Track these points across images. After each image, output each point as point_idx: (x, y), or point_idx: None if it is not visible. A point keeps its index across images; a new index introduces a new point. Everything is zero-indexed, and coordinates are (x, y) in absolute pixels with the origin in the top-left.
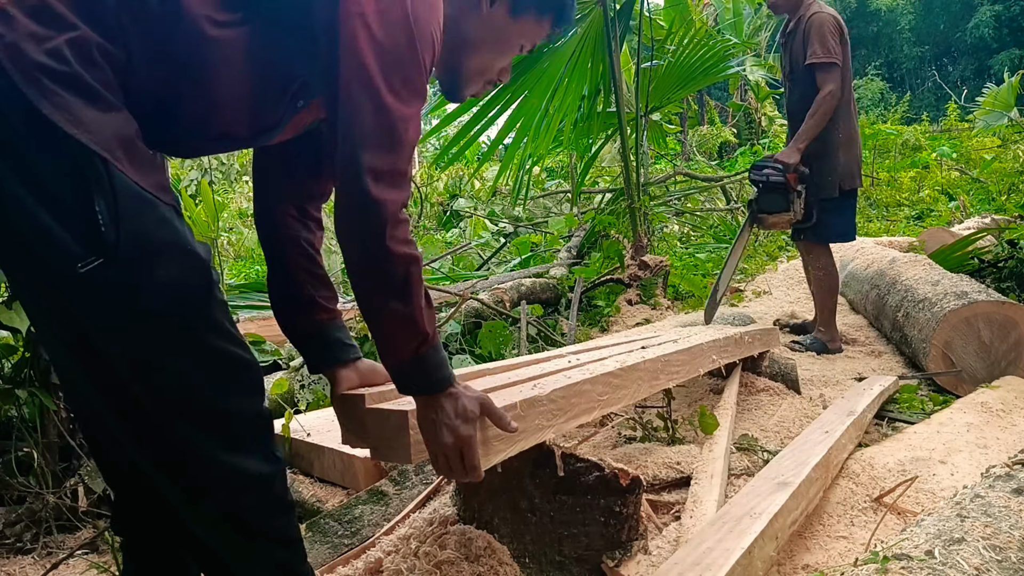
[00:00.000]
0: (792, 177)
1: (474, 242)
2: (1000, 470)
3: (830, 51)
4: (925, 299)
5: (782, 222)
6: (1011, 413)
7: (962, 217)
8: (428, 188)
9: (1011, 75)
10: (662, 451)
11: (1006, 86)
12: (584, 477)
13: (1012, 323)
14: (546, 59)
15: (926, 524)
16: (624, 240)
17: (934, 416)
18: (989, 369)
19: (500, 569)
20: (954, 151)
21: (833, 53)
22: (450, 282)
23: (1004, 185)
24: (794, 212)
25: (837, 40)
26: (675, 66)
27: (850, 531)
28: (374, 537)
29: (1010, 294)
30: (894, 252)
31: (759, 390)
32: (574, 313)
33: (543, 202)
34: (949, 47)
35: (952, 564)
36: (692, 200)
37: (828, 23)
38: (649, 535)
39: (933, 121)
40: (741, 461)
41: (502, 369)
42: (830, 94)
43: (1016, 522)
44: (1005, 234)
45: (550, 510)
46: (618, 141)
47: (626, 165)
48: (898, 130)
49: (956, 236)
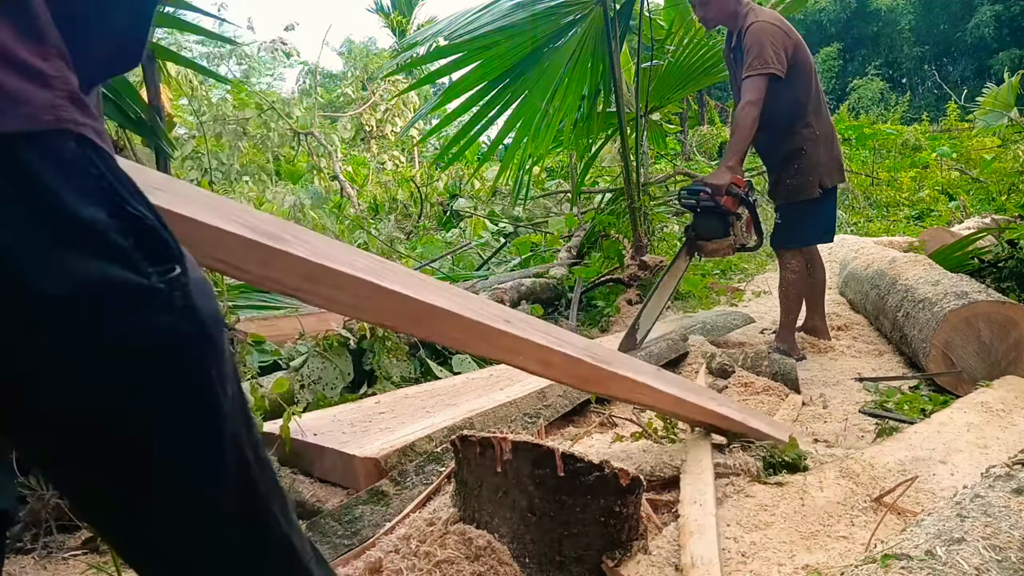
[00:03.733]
0: (727, 200)
1: (474, 242)
2: (1000, 470)
3: (766, 61)
4: (925, 299)
5: (723, 248)
6: (1011, 413)
7: (962, 217)
8: (428, 188)
9: (1011, 75)
10: (662, 451)
11: (1006, 86)
12: (584, 477)
13: (1012, 323)
14: (546, 59)
15: (926, 524)
16: (624, 240)
17: (934, 416)
18: (989, 369)
19: (500, 569)
20: (954, 151)
21: (769, 62)
22: (450, 282)
23: (1004, 185)
24: (735, 237)
25: (778, 45)
26: (675, 66)
27: (850, 531)
28: (374, 537)
29: (1010, 294)
30: (894, 252)
31: (759, 390)
32: (574, 313)
33: (543, 202)
34: (949, 47)
35: (952, 564)
36: None
37: (766, 32)
38: (649, 535)
39: (933, 121)
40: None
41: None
42: (748, 104)
43: (1016, 522)
44: (1005, 234)
45: (550, 510)
46: (618, 141)
47: (626, 165)
48: (898, 130)
49: (956, 236)
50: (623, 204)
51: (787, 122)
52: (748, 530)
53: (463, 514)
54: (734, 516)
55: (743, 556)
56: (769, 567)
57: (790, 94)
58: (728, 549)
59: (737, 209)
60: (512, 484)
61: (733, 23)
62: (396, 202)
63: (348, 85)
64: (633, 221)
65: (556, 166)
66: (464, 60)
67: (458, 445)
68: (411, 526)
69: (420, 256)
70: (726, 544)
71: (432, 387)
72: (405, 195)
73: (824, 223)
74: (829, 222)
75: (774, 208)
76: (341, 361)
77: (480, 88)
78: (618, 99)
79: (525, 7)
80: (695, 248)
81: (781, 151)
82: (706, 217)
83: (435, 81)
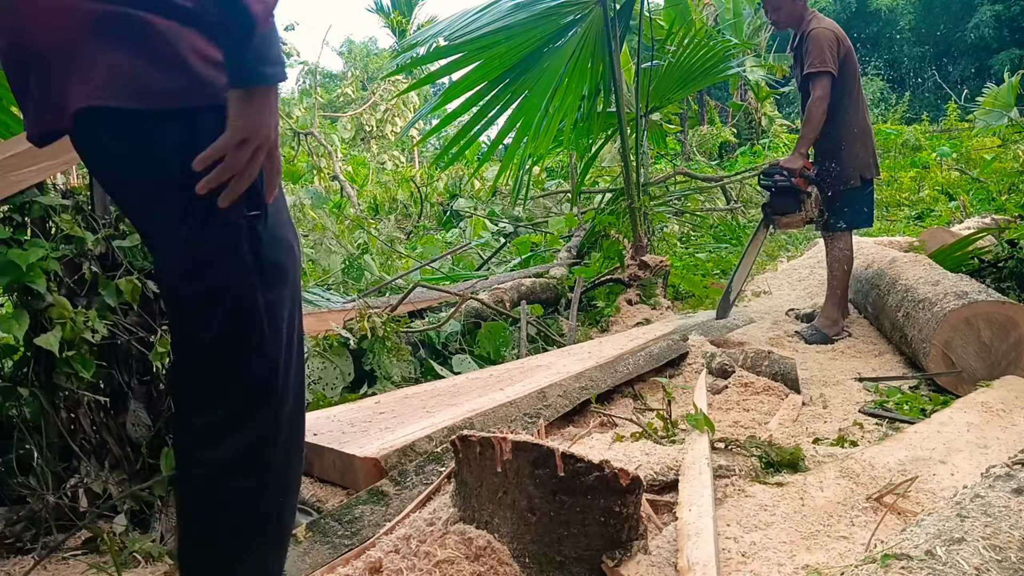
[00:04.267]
0: (799, 181)
1: (474, 242)
2: (1000, 470)
3: (825, 61)
4: (925, 299)
5: (795, 222)
6: (1011, 413)
7: (962, 217)
8: (428, 188)
9: (1011, 75)
10: (662, 451)
11: (1006, 86)
12: (584, 477)
13: (1012, 323)
14: (546, 59)
15: (926, 524)
16: (624, 240)
17: (934, 416)
18: (989, 369)
19: (500, 569)
20: (954, 151)
21: (827, 62)
22: (450, 282)
23: (1004, 185)
24: (805, 212)
25: (834, 49)
26: (675, 66)
27: (850, 531)
28: (374, 537)
29: (1010, 294)
30: (894, 252)
31: (759, 390)
32: (574, 313)
33: (543, 202)
34: (949, 47)
35: (952, 564)
36: (692, 200)
37: (824, 36)
38: (649, 535)
39: (933, 121)
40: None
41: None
42: (818, 99)
43: (1016, 522)
44: (1005, 234)
45: (550, 510)
46: (618, 141)
47: (626, 165)
48: (898, 130)
49: (956, 236)
50: (623, 204)
51: (831, 118)
52: (748, 530)
53: (463, 514)
54: (734, 516)
55: (743, 556)
56: (769, 567)
57: (836, 93)
58: (728, 549)
59: (807, 188)
60: (512, 484)
61: (798, 26)
62: (396, 202)
63: (348, 85)
64: (633, 221)
65: (556, 166)
66: (464, 60)
67: (458, 445)
68: (411, 526)
69: (420, 256)
70: (726, 544)
71: (432, 387)
72: (405, 195)
73: (865, 209)
74: (869, 209)
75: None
76: (341, 361)
77: (480, 88)
78: (618, 99)
79: (525, 7)
80: (771, 222)
81: (826, 143)
82: (782, 195)
83: (435, 81)
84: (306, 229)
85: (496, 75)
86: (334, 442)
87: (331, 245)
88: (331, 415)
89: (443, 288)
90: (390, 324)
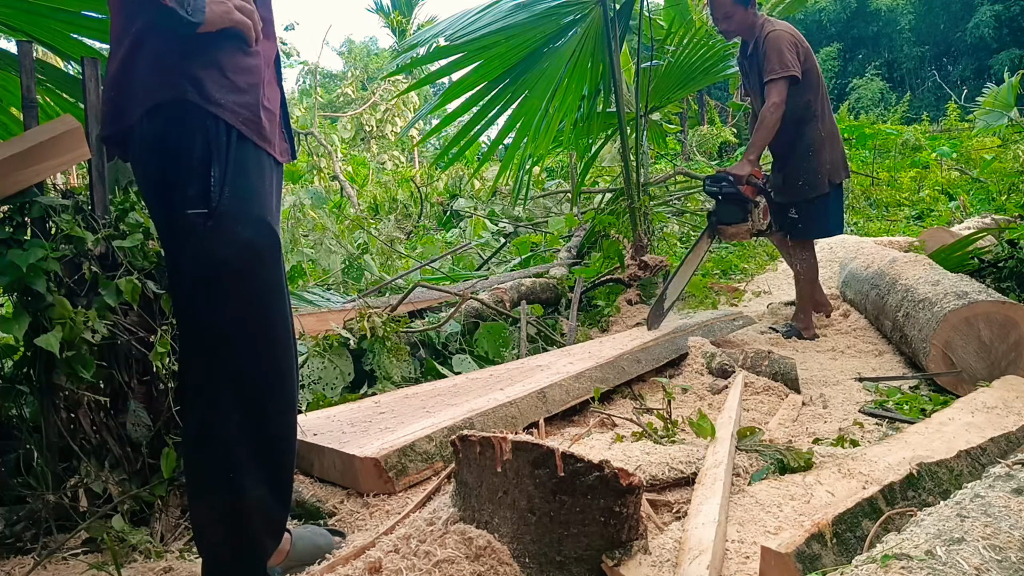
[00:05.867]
0: (747, 189)
1: (474, 242)
2: (1000, 470)
3: (786, 64)
4: (925, 299)
5: (741, 232)
6: (1011, 413)
7: (962, 217)
8: (428, 188)
9: (1011, 75)
10: (662, 451)
11: (1006, 86)
12: (584, 477)
13: (1012, 323)
14: (546, 59)
15: (926, 524)
16: (624, 240)
17: (934, 416)
18: (989, 369)
19: (500, 569)
20: (954, 151)
21: (788, 66)
22: (450, 282)
23: (1004, 185)
24: (752, 223)
25: (794, 51)
26: (675, 66)
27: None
28: (374, 537)
29: (1010, 294)
30: (894, 252)
31: (759, 390)
32: (574, 313)
33: (543, 202)
34: (949, 47)
35: (952, 564)
36: (692, 200)
37: (783, 39)
38: (649, 535)
39: (933, 121)
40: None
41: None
42: (774, 105)
43: (1016, 522)
44: (1005, 234)
45: (550, 510)
46: (618, 141)
47: (626, 165)
48: (898, 130)
49: (956, 236)
50: (623, 204)
51: (798, 122)
52: (749, 530)
53: (463, 514)
54: (735, 516)
55: (744, 557)
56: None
57: (802, 97)
58: (728, 549)
59: (755, 198)
60: (512, 484)
61: (750, 34)
62: (396, 202)
63: (348, 85)
64: (633, 221)
65: (556, 166)
66: (464, 60)
67: (458, 445)
68: (411, 526)
69: (420, 256)
70: (726, 544)
71: (432, 387)
72: (405, 195)
73: (835, 216)
74: (838, 215)
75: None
76: (341, 361)
77: (480, 88)
78: (618, 99)
79: (525, 7)
80: (716, 232)
81: (793, 149)
82: (728, 203)
83: (435, 81)
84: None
85: (496, 75)
86: (334, 442)
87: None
88: (331, 415)
89: (443, 288)
90: (390, 324)
